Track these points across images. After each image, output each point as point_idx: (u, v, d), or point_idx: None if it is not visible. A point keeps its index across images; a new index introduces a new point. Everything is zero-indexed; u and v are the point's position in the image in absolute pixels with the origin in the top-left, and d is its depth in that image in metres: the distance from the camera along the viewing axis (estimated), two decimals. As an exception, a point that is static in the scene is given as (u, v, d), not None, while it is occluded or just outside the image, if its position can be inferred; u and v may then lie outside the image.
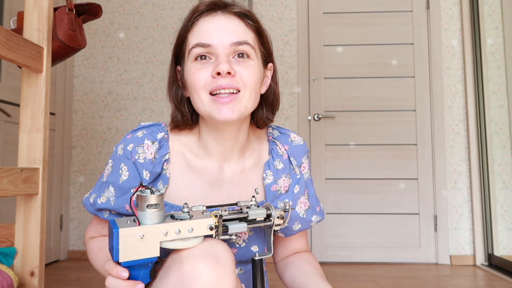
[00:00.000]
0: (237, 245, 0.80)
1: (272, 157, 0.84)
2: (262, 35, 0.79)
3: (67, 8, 1.10)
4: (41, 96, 1.03)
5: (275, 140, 0.86)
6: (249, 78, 0.72)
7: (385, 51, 2.66)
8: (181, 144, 0.81)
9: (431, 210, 2.56)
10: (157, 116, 2.71)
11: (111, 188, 0.78)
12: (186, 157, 0.80)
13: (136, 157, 0.76)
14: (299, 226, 0.84)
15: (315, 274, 0.79)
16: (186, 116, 0.79)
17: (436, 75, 2.61)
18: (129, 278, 0.60)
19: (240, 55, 0.73)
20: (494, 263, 2.39)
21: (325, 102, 2.66)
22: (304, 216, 0.84)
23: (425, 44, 2.65)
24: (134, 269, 0.61)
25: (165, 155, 0.78)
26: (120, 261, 0.58)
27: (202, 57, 0.72)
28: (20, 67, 1.02)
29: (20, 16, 1.08)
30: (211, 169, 0.80)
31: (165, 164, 0.78)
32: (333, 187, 2.61)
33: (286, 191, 0.83)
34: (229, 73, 0.70)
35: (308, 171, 0.88)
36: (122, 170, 0.78)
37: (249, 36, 0.75)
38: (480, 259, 2.46)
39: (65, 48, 1.10)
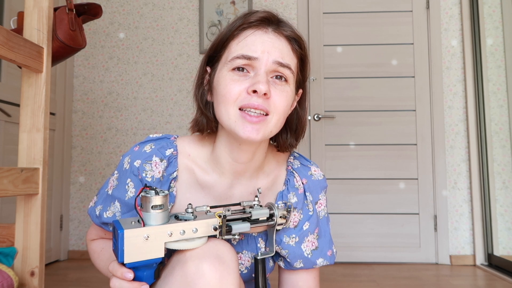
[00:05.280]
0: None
1: (287, 188, 0.80)
2: (304, 62, 0.76)
3: (67, 8, 1.10)
4: (41, 96, 1.03)
5: (293, 171, 0.82)
6: (281, 104, 0.69)
7: (385, 51, 2.66)
8: (190, 159, 0.78)
9: (431, 210, 2.56)
10: (157, 116, 2.71)
11: (117, 204, 0.77)
12: (195, 173, 0.77)
13: (144, 174, 0.75)
14: (301, 264, 0.80)
15: None
16: (211, 122, 0.76)
17: (436, 75, 2.61)
18: (134, 278, 0.60)
19: (279, 77, 0.70)
20: (494, 263, 2.39)
21: (325, 102, 2.66)
22: (309, 256, 0.80)
23: (425, 44, 2.65)
24: (138, 269, 0.61)
25: (173, 173, 0.76)
26: (125, 262, 0.58)
27: (240, 69, 0.69)
28: (20, 67, 1.02)
29: (20, 16, 1.08)
30: (220, 186, 0.77)
31: (173, 182, 0.76)
32: (333, 187, 2.61)
33: (295, 226, 0.80)
34: (265, 94, 0.67)
35: (324, 209, 0.84)
36: (128, 186, 0.76)
37: (292, 61, 0.72)
38: (480, 259, 2.46)
39: (65, 48, 1.09)
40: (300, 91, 0.79)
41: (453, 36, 2.64)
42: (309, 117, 2.65)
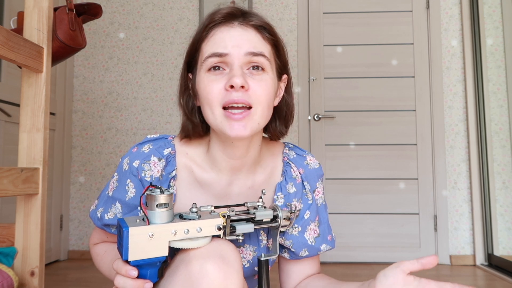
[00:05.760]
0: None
1: (285, 179, 0.81)
2: (279, 48, 0.76)
3: (67, 8, 1.10)
4: (41, 96, 1.03)
5: (290, 162, 0.83)
6: (262, 94, 0.69)
7: (385, 51, 2.66)
8: (188, 158, 0.79)
9: (431, 210, 2.56)
10: (157, 116, 2.71)
11: (118, 205, 0.78)
12: (194, 172, 0.78)
13: (143, 174, 0.76)
14: (306, 253, 0.82)
15: (334, 281, 0.78)
16: (197, 127, 0.77)
17: (436, 75, 2.61)
18: (138, 277, 0.61)
19: (255, 67, 0.70)
20: (494, 263, 2.39)
21: (325, 102, 2.66)
22: (313, 244, 0.82)
23: (425, 44, 2.65)
24: (142, 268, 0.61)
25: (172, 171, 0.76)
26: (129, 260, 0.59)
27: (216, 67, 0.70)
28: (20, 67, 1.02)
29: (20, 16, 1.08)
30: (219, 183, 0.78)
31: (172, 180, 0.77)
32: (333, 187, 2.61)
33: (297, 216, 0.81)
34: (242, 86, 0.67)
35: (322, 196, 0.86)
36: (128, 187, 0.77)
37: (265, 48, 0.72)
38: (480, 259, 2.46)
39: (65, 48, 1.10)
40: (285, 76, 0.80)
41: (453, 36, 2.64)
42: (309, 117, 2.65)
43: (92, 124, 2.73)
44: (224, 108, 0.68)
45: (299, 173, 0.83)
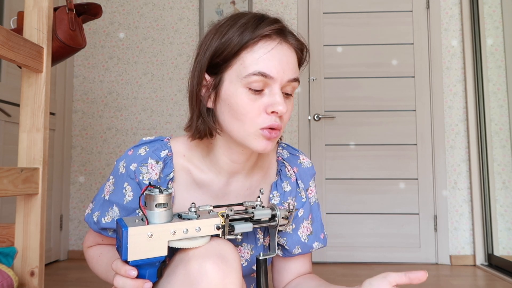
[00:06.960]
0: None
1: (281, 178, 0.83)
2: (300, 66, 0.78)
3: (67, 8, 1.10)
4: (41, 96, 1.03)
5: (284, 161, 0.85)
6: (289, 116, 0.73)
7: (385, 51, 2.66)
8: (185, 159, 0.78)
9: (431, 210, 2.56)
10: (157, 116, 2.71)
11: (116, 208, 0.77)
12: (191, 173, 0.78)
13: (141, 177, 0.75)
14: (299, 250, 0.84)
15: (324, 282, 0.79)
16: (213, 130, 0.73)
17: (436, 75, 2.61)
18: (137, 277, 0.61)
19: (288, 91, 0.72)
20: (494, 263, 2.39)
21: (325, 102, 2.66)
22: (306, 241, 0.83)
23: (425, 44, 2.65)
24: (141, 268, 0.61)
25: (169, 173, 0.76)
26: (128, 260, 0.59)
27: (257, 87, 0.68)
28: (20, 67, 1.02)
29: (20, 16, 1.08)
30: (217, 184, 0.78)
31: (170, 182, 0.76)
32: (333, 187, 2.61)
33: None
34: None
35: (315, 195, 0.88)
36: (126, 190, 0.76)
37: (298, 71, 0.74)
38: (480, 259, 2.46)
39: (65, 48, 1.09)
40: None
41: (453, 36, 2.64)
42: (309, 117, 2.65)
43: (92, 124, 2.73)
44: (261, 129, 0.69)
45: (294, 172, 0.84)
